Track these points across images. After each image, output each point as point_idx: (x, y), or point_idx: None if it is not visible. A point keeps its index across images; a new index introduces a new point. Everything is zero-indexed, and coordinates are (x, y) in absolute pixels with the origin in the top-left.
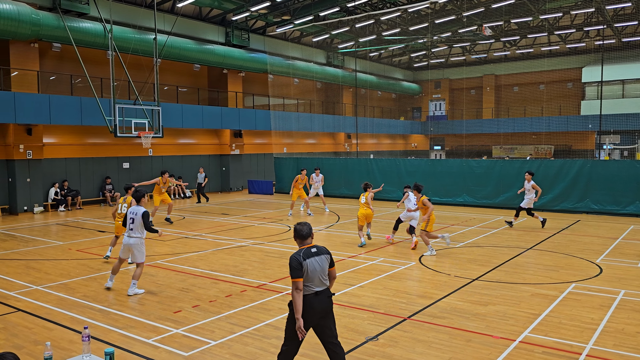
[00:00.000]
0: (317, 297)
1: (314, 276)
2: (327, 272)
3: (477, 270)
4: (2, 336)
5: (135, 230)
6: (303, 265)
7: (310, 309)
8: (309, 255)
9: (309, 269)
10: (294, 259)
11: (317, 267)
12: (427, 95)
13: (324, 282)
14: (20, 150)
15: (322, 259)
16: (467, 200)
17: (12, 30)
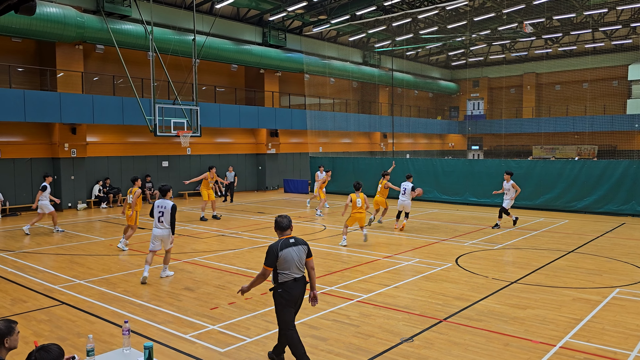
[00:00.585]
0: (296, 282)
1: (291, 264)
2: (305, 262)
3: (515, 273)
4: (47, 328)
5: (165, 222)
6: (278, 255)
7: (290, 293)
8: (287, 246)
9: (285, 258)
10: (271, 248)
11: (295, 256)
12: (465, 94)
13: (301, 269)
14: (65, 148)
15: (299, 249)
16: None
17: (58, 33)
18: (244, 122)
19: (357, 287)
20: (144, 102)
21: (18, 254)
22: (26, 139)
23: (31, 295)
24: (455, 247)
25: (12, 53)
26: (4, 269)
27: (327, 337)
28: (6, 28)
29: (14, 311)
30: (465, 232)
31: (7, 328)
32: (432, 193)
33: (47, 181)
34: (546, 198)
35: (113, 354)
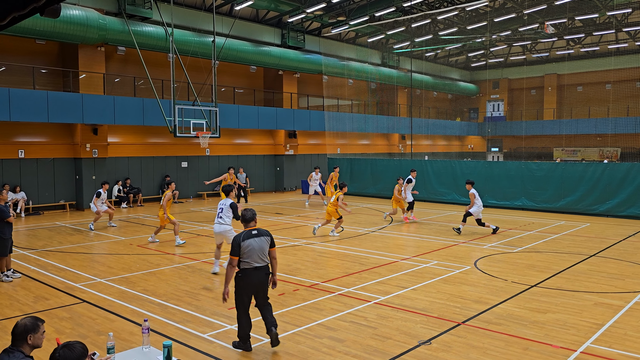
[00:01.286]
0: (256, 271)
1: (253, 254)
2: (268, 252)
3: (535, 277)
4: (68, 325)
5: (224, 217)
6: (241, 245)
7: (249, 280)
8: (249, 237)
9: (247, 248)
10: (235, 239)
11: (256, 246)
12: (485, 96)
13: (263, 259)
14: (87, 149)
15: (261, 240)
16: (525, 204)
17: (81, 35)
18: (263, 123)
19: (375, 289)
20: (164, 103)
21: (41, 253)
22: (49, 139)
23: (53, 293)
24: (474, 249)
25: (36, 55)
26: (27, 267)
27: (344, 338)
28: (31, 30)
29: (37, 308)
30: (484, 234)
31: (33, 325)
32: (451, 195)
33: (104, 188)
34: (567, 201)
35: (133, 352)
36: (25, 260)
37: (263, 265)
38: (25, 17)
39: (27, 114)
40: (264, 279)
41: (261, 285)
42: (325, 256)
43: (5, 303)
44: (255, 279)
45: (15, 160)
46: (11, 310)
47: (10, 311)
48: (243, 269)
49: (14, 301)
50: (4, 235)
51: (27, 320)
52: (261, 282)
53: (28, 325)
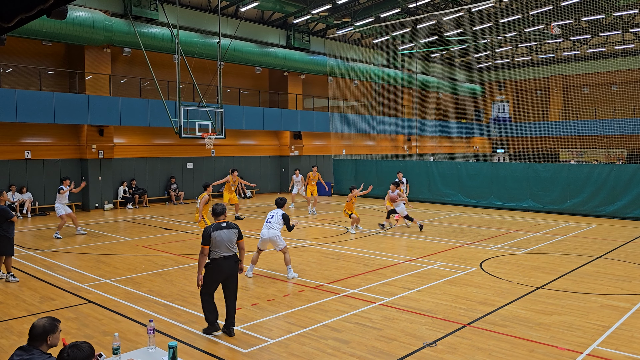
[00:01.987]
0: (225, 260)
1: (222, 244)
2: (236, 243)
3: (541, 278)
4: (74, 326)
5: (273, 224)
6: (211, 236)
7: (219, 269)
8: (218, 228)
9: (216, 239)
10: (205, 230)
11: (225, 237)
12: (490, 97)
13: (231, 249)
14: (93, 150)
15: (229, 232)
16: (531, 206)
17: (87, 37)
18: (268, 125)
19: (380, 290)
20: (170, 104)
21: (47, 253)
22: (55, 140)
23: (59, 294)
24: (480, 251)
25: (43, 56)
26: (33, 268)
27: (349, 340)
28: (37, 32)
29: (43, 309)
30: (489, 236)
31: (51, 326)
32: (456, 196)
33: (65, 184)
34: (573, 202)
35: (138, 353)
36: (31, 260)
37: (231, 254)
38: (32, 18)
39: (34, 115)
40: (234, 266)
41: (232, 273)
42: (330, 257)
43: (12, 303)
44: (226, 268)
45: (22, 161)
46: (18, 311)
47: (17, 311)
48: (213, 258)
49: (20, 301)
50: (9, 234)
51: (45, 321)
52: (231, 270)
53: (47, 327)
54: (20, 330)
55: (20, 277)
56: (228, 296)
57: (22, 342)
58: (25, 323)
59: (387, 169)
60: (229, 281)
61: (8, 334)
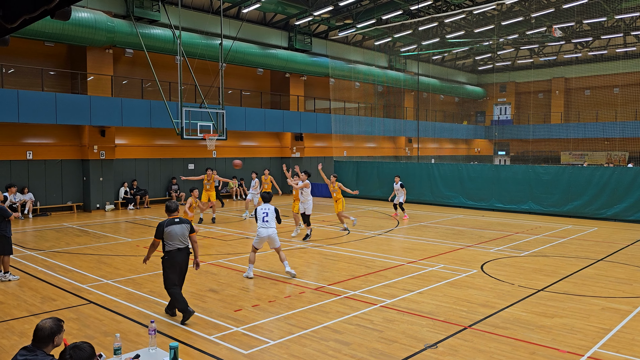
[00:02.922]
0: (179, 252)
1: (175, 238)
2: (188, 237)
3: (542, 281)
4: (75, 326)
5: (270, 222)
6: (164, 230)
7: (174, 260)
8: (172, 224)
9: (170, 233)
10: (160, 225)
11: (178, 231)
12: (492, 99)
13: (184, 242)
14: (94, 150)
15: (182, 227)
16: (532, 208)
17: (89, 37)
18: (269, 126)
19: (381, 292)
20: (171, 105)
21: (48, 254)
22: (57, 140)
23: (60, 294)
24: (481, 253)
25: (45, 57)
26: (34, 268)
27: (350, 341)
28: (40, 33)
29: (44, 309)
30: (490, 238)
31: (58, 327)
32: (457, 198)
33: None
34: (575, 205)
35: (139, 353)
36: (32, 261)
37: (184, 247)
38: (35, 19)
39: (36, 115)
40: (186, 258)
41: (184, 263)
42: (332, 259)
43: (13, 303)
44: (179, 259)
45: (24, 162)
46: (19, 311)
47: (18, 312)
48: (167, 250)
49: (21, 302)
50: (7, 233)
51: (51, 323)
52: (184, 260)
53: (54, 328)
54: (21, 330)
55: (21, 277)
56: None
57: (23, 342)
58: (27, 323)
59: (389, 170)
60: (182, 269)
61: (9, 334)
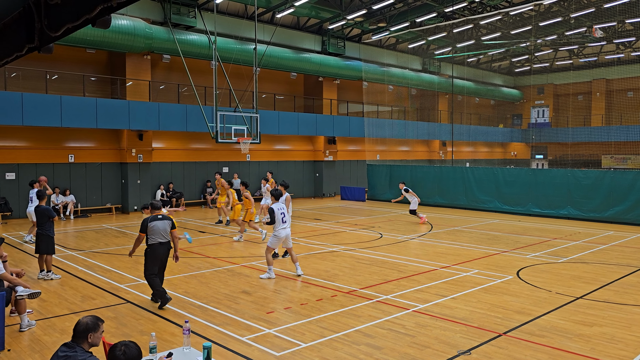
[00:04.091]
0: (161, 245)
1: (157, 233)
2: (169, 232)
3: (581, 288)
4: (113, 324)
5: (287, 221)
6: (148, 226)
7: (155, 252)
8: (155, 220)
9: (152, 228)
10: (144, 220)
11: (160, 227)
12: (529, 102)
13: (165, 237)
14: (133, 154)
15: (164, 223)
16: (571, 213)
17: (128, 44)
18: (302, 130)
19: (414, 297)
20: (207, 109)
21: (88, 254)
22: (97, 144)
23: (99, 293)
24: (517, 259)
25: (86, 63)
26: (75, 267)
27: (382, 345)
28: (82, 40)
29: (84, 307)
30: (527, 244)
31: (94, 324)
32: (492, 203)
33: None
34: (616, 210)
35: (174, 352)
36: (73, 260)
37: (166, 241)
38: (77, 28)
39: (77, 120)
40: (166, 251)
41: (164, 256)
42: (364, 263)
43: (55, 302)
44: (160, 252)
45: (66, 165)
46: (60, 309)
47: (59, 309)
48: (150, 244)
49: (63, 300)
50: (50, 233)
51: (88, 320)
52: (164, 254)
53: (89, 325)
54: (62, 327)
55: (62, 276)
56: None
57: (64, 339)
58: (67, 321)
59: (422, 174)
60: (163, 262)
61: (51, 331)
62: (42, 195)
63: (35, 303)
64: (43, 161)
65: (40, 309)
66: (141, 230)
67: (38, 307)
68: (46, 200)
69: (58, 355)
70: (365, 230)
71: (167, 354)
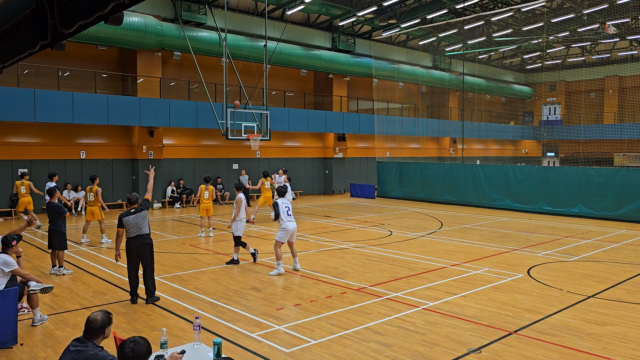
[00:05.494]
0: (134, 240)
1: (130, 227)
2: (144, 223)
3: (593, 287)
4: (124, 320)
5: (292, 215)
6: (123, 220)
7: (130, 247)
8: (128, 214)
9: (126, 222)
10: (119, 216)
11: (132, 221)
12: (541, 99)
13: (138, 230)
14: (143, 150)
15: (137, 216)
16: (583, 212)
17: (140, 41)
18: (312, 127)
19: (423, 295)
20: (217, 106)
21: (99, 249)
22: (108, 141)
23: (110, 289)
24: (527, 257)
25: (98, 60)
26: (86, 263)
27: (391, 343)
28: (93, 37)
29: (95, 302)
30: (538, 242)
31: (108, 319)
32: (503, 201)
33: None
34: (629, 209)
35: (184, 348)
36: (84, 256)
37: (141, 234)
38: (90, 25)
39: (89, 116)
40: (141, 245)
41: (140, 250)
42: (373, 260)
43: (67, 297)
44: (134, 246)
45: (77, 161)
46: (72, 304)
47: (71, 304)
48: (127, 237)
49: (74, 295)
50: (62, 229)
51: (103, 315)
52: (139, 247)
53: (105, 320)
54: (74, 322)
55: (74, 271)
56: (143, 268)
57: (75, 334)
58: (79, 316)
59: (433, 172)
60: (140, 256)
61: (63, 326)
62: (53, 193)
63: (48, 298)
64: (55, 157)
65: (53, 304)
66: (118, 226)
67: (50, 302)
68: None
69: (69, 350)
70: (375, 227)
71: (180, 351)
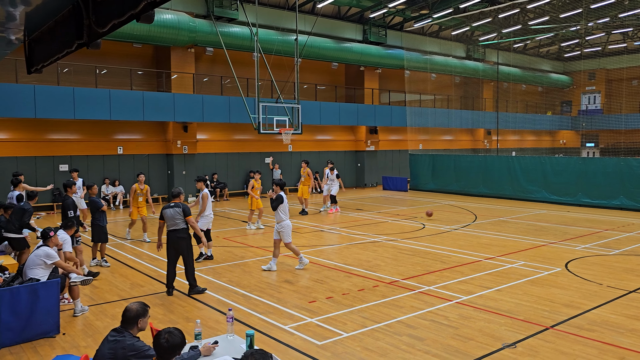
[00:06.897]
0: (171, 233)
1: (168, 220)
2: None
3: (635, 282)
4: (160, 311)
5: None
6: (162, 213)
7: (168, 240)
8: (167, 207)
9: (165, 215)
10: (162, 208)
11: (169, 215)
12: (579, 88)
13: (175, 224)
14: (178, 145)
15: (174, 211)
16: (624, 204)
17: (173, 38)
18: (344, 120)
19: (457, 288)
20: (249, 101)
21: (136, 242)
22: (144, 136)
23: (147, 281)
24: (565, 251)
25: (133, 58)
26: (124, 256)
27: (424, 337)
28: (128, 35)
29: (133, 294)
30: (576, 235)
31: (143, 310)
32: (540, 193)
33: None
34: None
35: (218, 339)
36: (122, 249)
37: (177, 229)
38: (123, 23)
39: (126, 113)
40: (177, 239)
41: (176, 244)
42: (406, 253)
43: (106, 288)
44: (170, 238)
45: (115, 157)
46: (110, 295)
47: (110, 296)
48: (167, 230)
49: (113, 287)
50: (101, 222)
51: (138, 306)
52: (174, 241)
53: (139, 311)
54: (112, 313)
55: (112, 264)
56: (184, 262)
57: (114, 324)
58: (117, 307)
59: (466, 164)
60: (177, 250)
61: (102, 317)
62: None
63: (88, 290)
64: (93, 153)
65: (93, 295)
66: (159, 218)
67: (90, 294)
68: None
69: (108, 340)
70: (407, 220)
71: (214, 342)
